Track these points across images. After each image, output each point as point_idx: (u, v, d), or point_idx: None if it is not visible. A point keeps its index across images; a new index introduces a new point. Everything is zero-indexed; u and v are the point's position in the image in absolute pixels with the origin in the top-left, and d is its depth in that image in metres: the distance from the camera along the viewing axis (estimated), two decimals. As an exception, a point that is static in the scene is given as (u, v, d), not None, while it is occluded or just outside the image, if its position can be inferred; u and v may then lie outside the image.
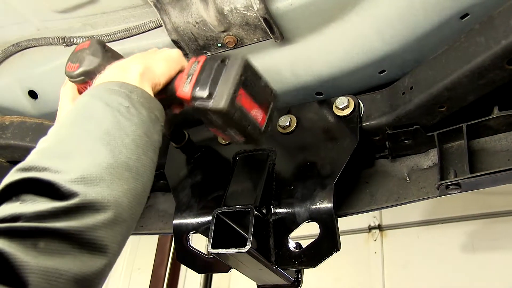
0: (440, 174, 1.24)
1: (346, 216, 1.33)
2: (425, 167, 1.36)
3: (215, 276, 4.23)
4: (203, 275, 4.12)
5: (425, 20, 1.22)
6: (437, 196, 1.27)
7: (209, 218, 1.22)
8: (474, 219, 3.62)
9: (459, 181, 1.19)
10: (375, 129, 1.32)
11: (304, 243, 1.24)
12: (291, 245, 1.21)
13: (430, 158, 1.36)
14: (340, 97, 1.33)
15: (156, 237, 4.38)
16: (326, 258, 1.17)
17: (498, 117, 1.22)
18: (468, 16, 1.21)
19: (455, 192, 1.22)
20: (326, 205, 1.19)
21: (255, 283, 1.40)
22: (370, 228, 3.83)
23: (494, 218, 3.56)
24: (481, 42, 1.07)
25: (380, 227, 3.80)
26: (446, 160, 1.27)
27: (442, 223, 3.73)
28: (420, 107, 1.23)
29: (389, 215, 3.78)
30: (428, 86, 1.19)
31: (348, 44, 1.25)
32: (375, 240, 3.76)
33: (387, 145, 1.34)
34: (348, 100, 1.32)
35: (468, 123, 1.25)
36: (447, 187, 1.21)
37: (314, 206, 1.20)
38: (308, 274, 1.30)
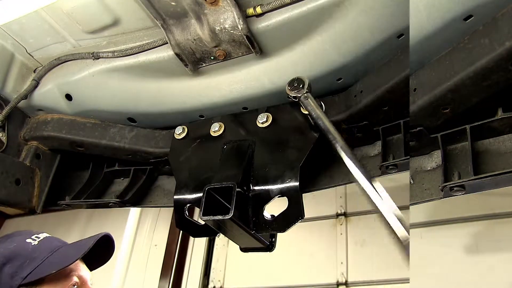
0: (444, 176, 1.24)
1: (309, 192, 1.62)
2: (428, 168, 1.36)
3: (214, 256, 5.20)
4: (205, 253, 5.22)
5: (429, 21, 1.22)
6: (441, 198, 1.27)
7: (202, 193, 1.46)
8: (478, 220, 3.61)
9: (463, 183, 1.19)
10: (333, 124, 1.42)
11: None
12: (266, 215, 1.45)
13: (433, 159, 1.36)
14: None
15: (169, 218, 5.34)
16: (293, 225, 1.39)
17: (502, 119, 1.22)
18: (472, 18, 1.21)
19: (459, 194, 1.22)
20: (294, 183, 1.42)
21: (246, 255, 1.69)
22: (338, 215, 4.77)
23: (498, 219, 3.55)
24: (485, 44, 1.07)
25: (345, 214, 4.75)
26: (450, 161, 1.28)
27: (446, 224, 3.73)
28: (423, 108, 1.23)
29: (352, 204, 4.71)
30: (432, 87, 1.19)
31: (312, 57, 1.52)
32: (341, 224, 4.72)
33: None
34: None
35: (472, 125, 1.25)
36: (451, 189, 1.21)
37: (284, 185, 1.44)
38: (288, 250, 1.30)
